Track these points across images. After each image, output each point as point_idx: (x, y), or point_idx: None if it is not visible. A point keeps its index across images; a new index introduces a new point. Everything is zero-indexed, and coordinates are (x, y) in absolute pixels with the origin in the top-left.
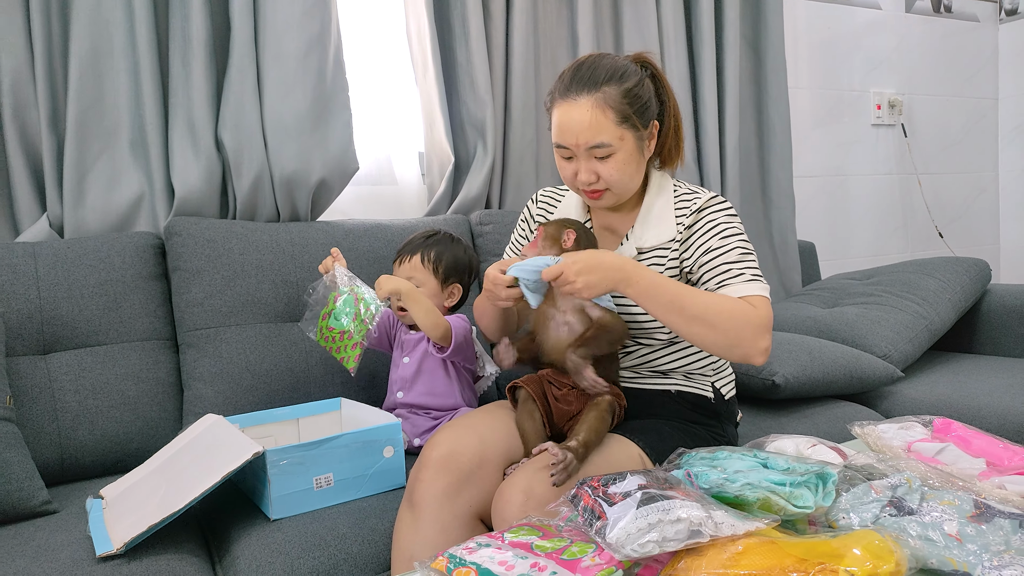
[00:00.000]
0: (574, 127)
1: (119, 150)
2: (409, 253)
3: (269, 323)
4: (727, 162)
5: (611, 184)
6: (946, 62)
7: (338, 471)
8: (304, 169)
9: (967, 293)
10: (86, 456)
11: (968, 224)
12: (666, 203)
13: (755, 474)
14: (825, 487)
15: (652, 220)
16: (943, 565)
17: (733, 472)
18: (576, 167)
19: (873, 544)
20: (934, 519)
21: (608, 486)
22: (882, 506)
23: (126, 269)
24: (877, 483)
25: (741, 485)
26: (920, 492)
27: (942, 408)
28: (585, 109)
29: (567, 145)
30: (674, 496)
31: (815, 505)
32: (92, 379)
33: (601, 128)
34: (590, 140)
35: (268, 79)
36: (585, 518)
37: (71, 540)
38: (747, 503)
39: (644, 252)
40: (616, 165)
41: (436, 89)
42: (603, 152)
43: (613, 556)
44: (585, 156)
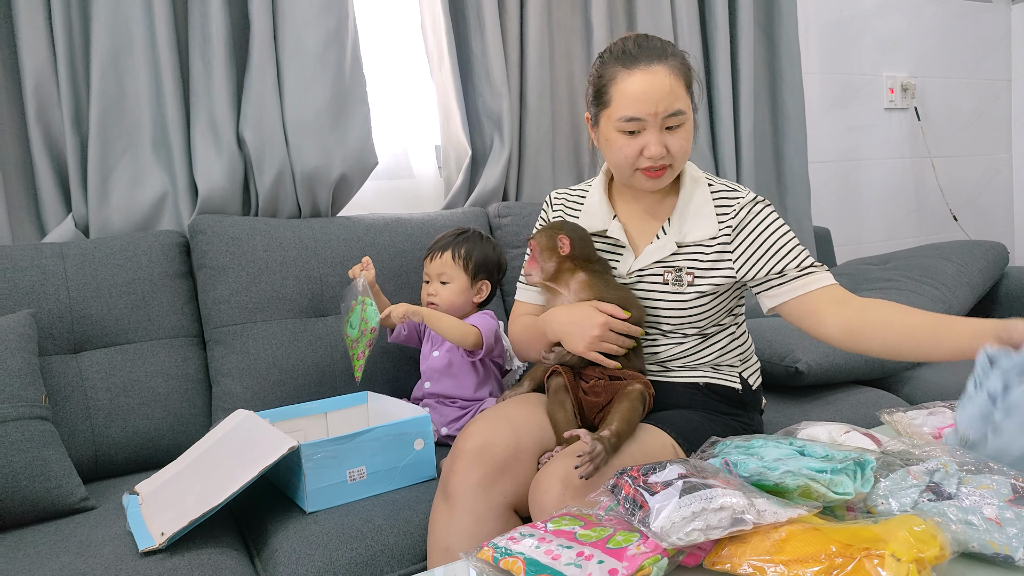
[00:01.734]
0: (655, 95)
1: (142, 149)
2: (440, 249)
3: (294, 319)
4: (742, 149)
5: (676, 158)
6: (958, 44)
7: (370, 464)
8: (324, 165)
9: (984, 277)
10: (119, 453)
11: (982, 207)
12: (704, 196)
13: (794, 462)
14: (863, 474)
15: (690, 213)
16: (984, 549)
17: (772, 460)
18: (643, 142)
19: (916, 528)
20: (973, 503)
21: (648, 476)
22: (920, 491)
23: (152, 267)
24: (914, 468)
25: (781, 473)
26: (957, 477)
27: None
28: (663, 76)
29: (643, 115)
30: (715, 485)
31: (854, 491)
32: (123, 377)
33: (678, 95)
34: (670, 107)
35: (288, 76)
36: (627, 507)
37: (112, 536)
38: (787, 491)
39: (684, 247)
40: (685, 136)
41: (452, 81)
42: (677, 121)
43: (658, 544)
44: (658, 127)
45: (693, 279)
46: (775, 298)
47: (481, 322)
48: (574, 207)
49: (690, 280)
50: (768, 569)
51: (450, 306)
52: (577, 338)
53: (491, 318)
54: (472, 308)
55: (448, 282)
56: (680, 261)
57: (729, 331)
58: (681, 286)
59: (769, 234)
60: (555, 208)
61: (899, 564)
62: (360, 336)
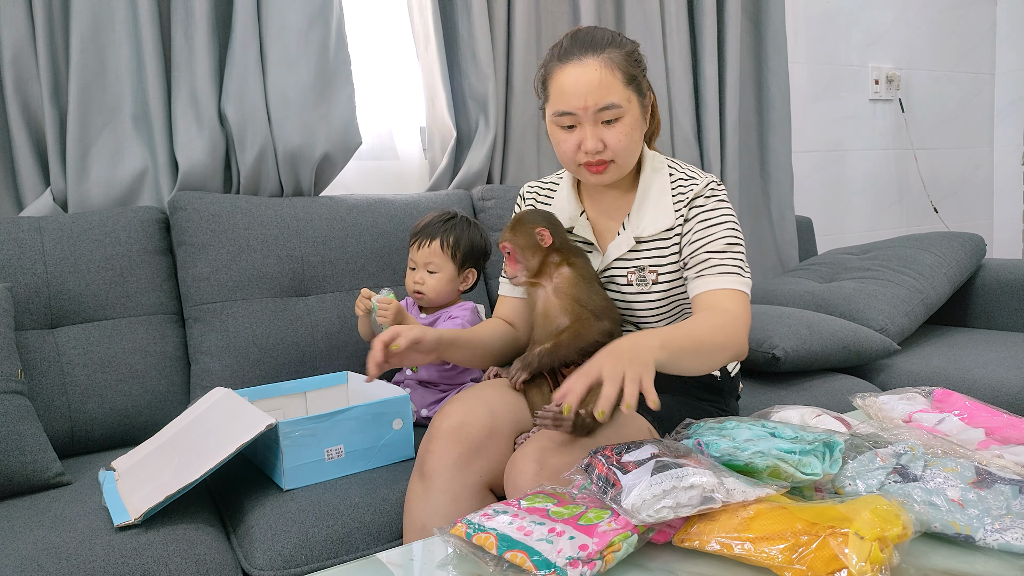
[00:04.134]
0: (582, 88)
1: (122, 124)
2: (428, 237)
3: (275, 298)
4: (727, 137)
5: (617, 153)
6: (944, 36)
7: (349, 443)
8: (308, 143)
9: (962, 268)
10: (96, 429)
11: (963, 199)
12: (663, 186)
13: (764, 443)
14: (832, 455)
15: (648, 206)
16: (946, 529)
17: (743, 441)
18: (580, 136)
19: (880, 508)
20: (937, 485)
21: (622, 455)
22: (887, 473)
23: (131, 244)
24: (882, 451)
25: (751, 453)
26: (923, 460)
27: (937, 380)
28: (593, 69)
29: (573, 110)
30: (687, 464)
31: (823, 472)
32: (100, 353)
33: (611, 88)
34: (600, 101)
35: (271, 53)
36: (599, 486)
37: (87, 511)
38: (757, 471)
39: (643, 242)
40: (624, 130)
41: (438, 62)
42: (612, 115)
43: (629, 521)
44: (592, 122)
45: (657, 276)
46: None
47: (461, 316)
48: (545, 201)
49: (654, 278)
50: (735, 546)
51: (436, 295)
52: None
53: (473, 313)
54: (457, 296)
55: (435, 271)
56: (641, 259)
57: None
58: (645, 286)
59: (700, 224)
60: (527, 202)
61: (862, 542)
62: None
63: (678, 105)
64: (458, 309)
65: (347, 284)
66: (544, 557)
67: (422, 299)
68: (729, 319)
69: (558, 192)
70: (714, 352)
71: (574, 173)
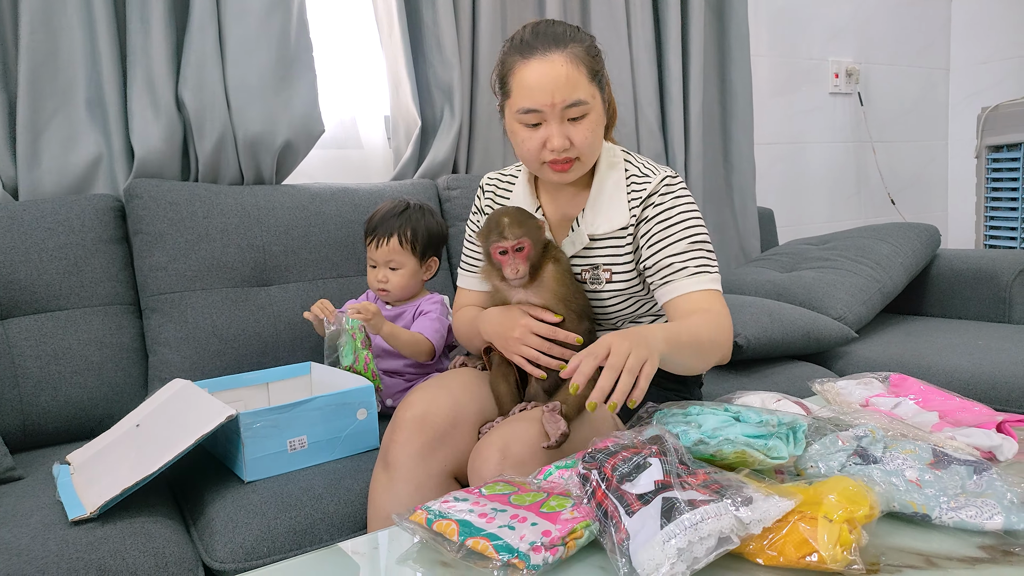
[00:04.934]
0: (548, 85)
1: (75, 109)
2: (385, 234)
3: (235, 287)
4: (691, 128)
5: (582, 150)
6: (901, 32)
7: (312, 433)
8: (269, 131)
9: (918, 257)
10: (49, 423)
11: (918, 192)
12: (617, 183)
13: (730, 429)
14: (796, 437)
15: (603, 203)
16: (904, 508)
17: (711, 429)
18: (545, 134)
19: (848, 489)
20: (896, 467)
21: (622, 482)
22: (848, 455)
23: (86, 232)
24: (843, 434)
25: (719, 441)
26: (883, 442)
27: (894, 367)
28: (559, 64)
29: (539, 107)
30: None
31: (789, 455)
32: (53, 344)
33: (577, 84)
34: (567, 97)
35: (230, 37)
36: (597, 514)
37: (40, 505)
38: (725, 458)
39: (597, 239)
40: (589, 127)
41: (402, 51)
42: (578, 112)
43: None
44: (558, 119)
45: (611, 275)
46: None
47: (431, 329)
48: (504, 194)
49: (608, 277)
50: None
51: (402, 291)
52: (500, 340)
53: (442, 306)
54: (422, 286)
55: (398, 268)
56: (596, 257)
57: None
58: (599, 284)
59: (657, 225)
60: (486, 195)
61: (831, 525)
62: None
63: (643, 97)
64: (428, 303)
65: (310, 274)
66: (506, 543)
67: (387, 296)
68: (718, 319)
69: (516, 187)
70: (711, 351)
71: (536, 172)
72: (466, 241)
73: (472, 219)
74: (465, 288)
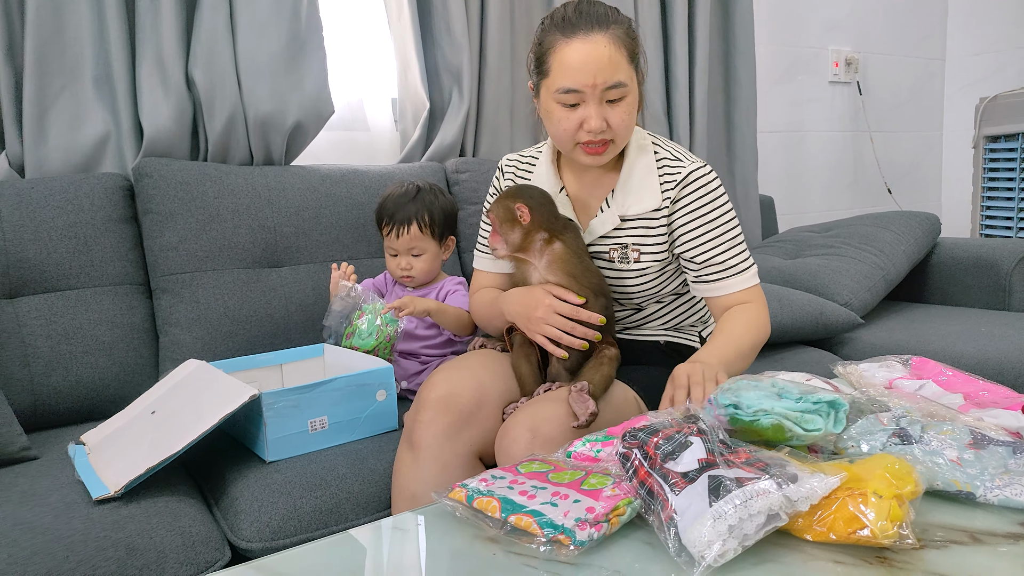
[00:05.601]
0: (591, 66)
1: (82, 86)
2: (403, 223)
3: (247, 268)
4: (696, 115)
5: (618, 133)
6: (899, 22)
7: (332, 414)
8: (279, 111)
9: (920, 245)
10: (60, 402)
11: (914, 181)
12: (648, 167)
13: (768, 401)
14: (836, 415)
15: (633, 185)
16: (948, 487)
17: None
18: (584, 114)
19: (893, 467)
20: (936, 447)
21: (665, 460)
22: (888, 435)
23: (95, 211)
24: (883, 415)
25: (755, 411)
26: (921, 424)
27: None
28: (603, 45)
29: (581, 87)
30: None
31: (824, 429)
32: (64, 324)
33: (619, 66)
34: (609, 79)
35: (241, 15)
36: (640, 494)
37: (58, 484)
38: (761, 429)
39: (628, 220)
40: (627, 110)
41: (411, 33)
42: (618, 94)
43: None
44: (597, 100)
45: (639, 255)
46: (696, 289)
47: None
48: (524, 175)
49: (636, 257)
50: None
51: (426, 275)
52: (523, 320)
53: (464, 287)
54: (440, 268)
55: (421, 253)
56: (625, 237)
57: (688, 296)
58: (627, 263)
59: (701, 218)
60: (506, 176)
61: (880, 501)
62: (379, 344)
63: (649, 82)
64: (452, 283)
65: (321, 256)
66: (550, 519)
67: (411, 282)
68: (756, 314)
69: (537, 167)
70: (751, 353)
71: (568, 152)
72: (483, 224)
73: (490, 201)
74: (482, 270)
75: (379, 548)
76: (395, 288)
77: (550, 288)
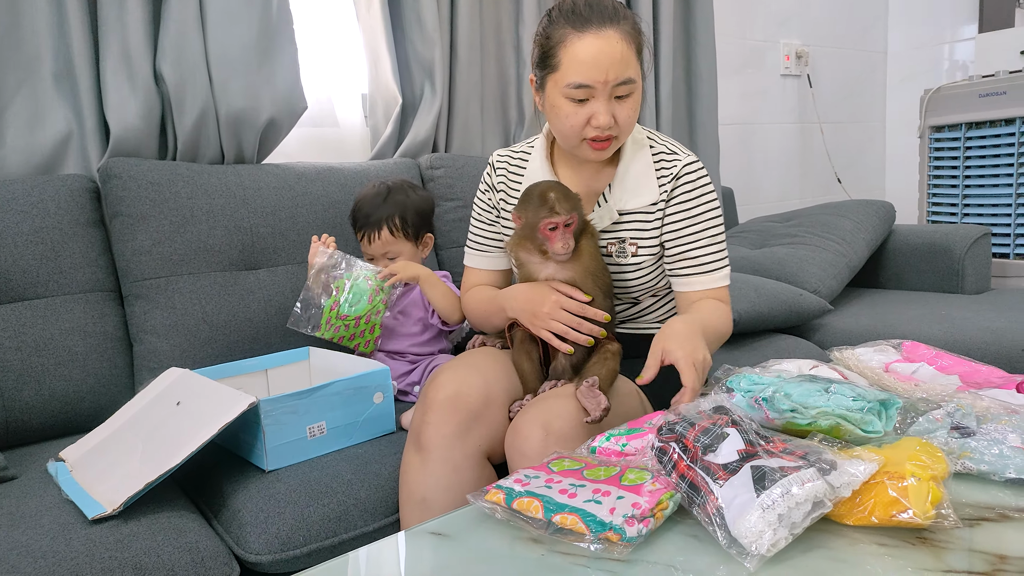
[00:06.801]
0: (604, 62)
1: (41, 82)
2: (374, 228)
3: (224, 271)
4: (661, 108)
5: (624, 128)
6: (844, 16)
7: (330, 419)
8: (252, 107)
9: (877, 233)
10: (34, 418)
11: (859, 171)
12: (645, 161)
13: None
14: (888, 413)
15: (631, 179)
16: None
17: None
18: (591, 110)
19: (924, 450)
20: (997, 436)
21: (706, 452)
22: (947, 431)
23: (62, 215)
24: (935, 412)
25: (816, 413)
26: (974, 416)
27: (871, 337)
28: (615, 41)
29: (593, 83)
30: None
31: (883, 431)
32: (34, 335)
33: (629, 62)
34: (620, 75)
35: (211, 6)
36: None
37: (47, 505)
38: (820, 431)
39: (625, 214)
40: (633, 105)
41: (381, 25)
42: (626, 90)
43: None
44: (606, 96)
45: (637, 249)
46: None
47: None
48: (516, 170)
49: (633, 251)
50: None
51: None
52: (528, 315)
53: (449, 282)
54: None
55: (396, 256)
56: (622, 231)
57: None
58: (625, 257)
59: (686, 213)
60: (498, 172)
61: (919, 483)
62: (375, 306)
63: None
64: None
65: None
66: (596, 517)
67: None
68: (725, 313)
69: (530, 162)
70: (718, 343)
71: (572, 147)
72: (473, 220)
73: (481, 197)
74: (474, 267)
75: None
76: None
77: (556, 285)
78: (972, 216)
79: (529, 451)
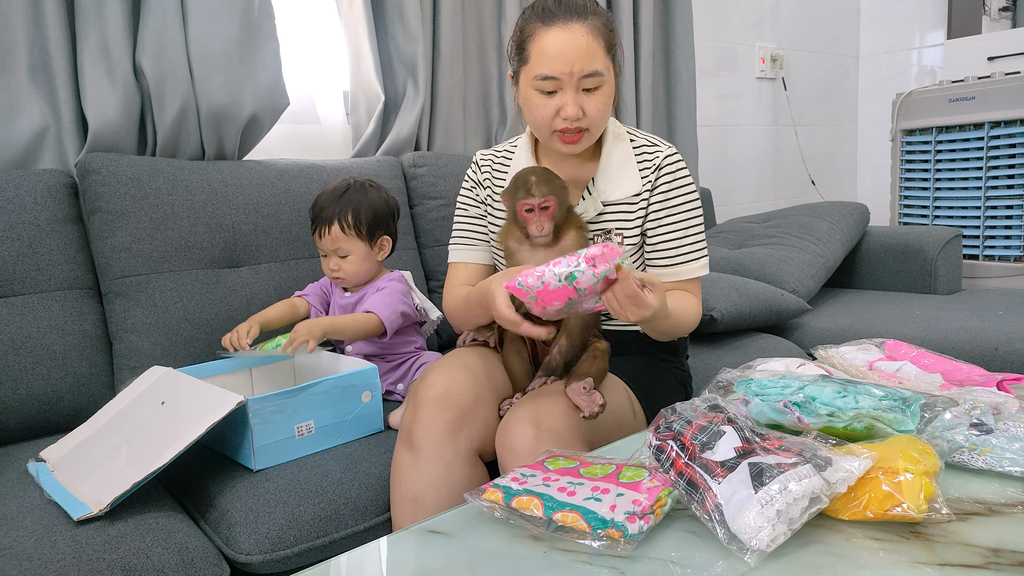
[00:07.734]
0: (569, 54)
1: (16, 76)
2: (326, 223)
3: (206, 269)
4: (642, 109)
5: (593, 122)
6: (817, 20)
7: (319, 418)
8: (234, 102)
9: (852, 234)
10: (11, 418)
11: (832, 173)
12: (626, 153)
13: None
14: (910, 410)
15: (613, 172)
16: None
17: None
18: (560, 102)
19: (917, 446)
20: (1015, 433)
21: (703, 451)
22: (967, 428)
23: (39, 211)
24: (954, 409)
25: (851, 417)
26: (991, 414)
27: (849, 336)
28: (580, 35)
29: (558, 75)
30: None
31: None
32: (11, 333)
33: (596, 55)
34: (585, 67)
35: (191, 1)
36: (678, 485)
37: (29, 506)
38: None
39: (609, 205)
40: (602, 99)
41: (364, 22)
42: (594, 83)
43: (667, 479)
44: (574, 88)
45: (622, 240)
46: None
47: (381, 304)
48: (500, 168)
49: (619, 241)
50: None
51: (356, 277)
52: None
53: (397, 283)
54: (378, 267)
55: (347, 254)
56: (607, 222)
57: None
58: None
59: (667, 203)
60: (483, 171)
61: (913, 479)
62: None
63: None
64: (384, 280)
65: (282, 254)
66: (597, 514)
67: (344, 283)
68: (695, 305)
69: (515, 159)
70: (682, 328)
71: (545, 141)
72: (458, 216)
73: (467, 192)
74: (459, 262)
75: (420, 553)
76: (334, 289)
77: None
78: (943, 218)
79: (520, 448)
